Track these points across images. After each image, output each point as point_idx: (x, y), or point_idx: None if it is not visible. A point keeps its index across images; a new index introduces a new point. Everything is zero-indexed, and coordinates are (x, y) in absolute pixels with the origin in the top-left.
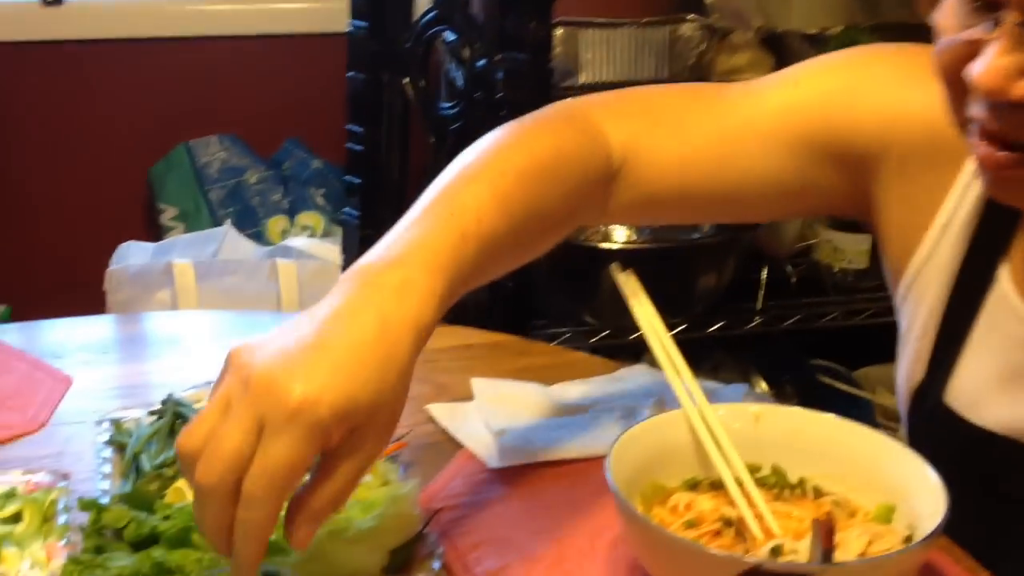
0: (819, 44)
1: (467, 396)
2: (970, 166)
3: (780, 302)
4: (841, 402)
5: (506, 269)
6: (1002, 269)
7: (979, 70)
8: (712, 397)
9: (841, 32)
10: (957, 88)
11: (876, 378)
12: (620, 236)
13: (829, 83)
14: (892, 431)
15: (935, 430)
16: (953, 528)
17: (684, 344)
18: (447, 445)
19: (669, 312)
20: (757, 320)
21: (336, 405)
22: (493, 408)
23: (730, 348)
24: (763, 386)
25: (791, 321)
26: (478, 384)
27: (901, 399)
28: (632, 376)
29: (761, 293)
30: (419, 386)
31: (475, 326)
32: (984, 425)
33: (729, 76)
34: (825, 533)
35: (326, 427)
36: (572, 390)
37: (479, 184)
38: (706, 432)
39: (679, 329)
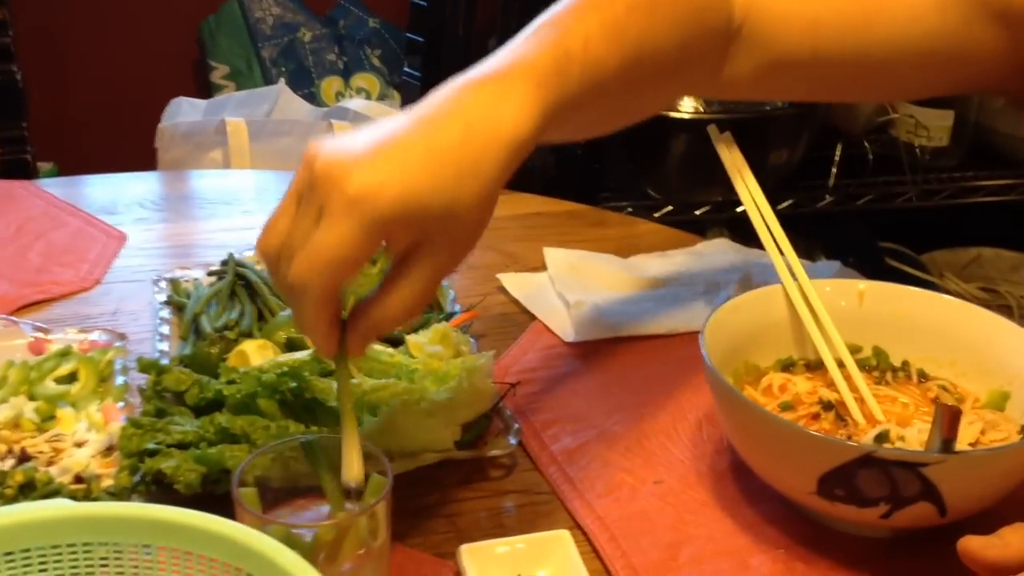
0: None
1: (539, 266)
2: None
3: (853, 180)
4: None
5: (612, 113)
6: None
7: None
8: (807, 268)
9: None
10: None
11: (944, 262)
12: (687, 106)
13: None
14: None
15: None
16: None
17: (749, 222)
18: (520, 317)
19: (734, 188)
20: (828, 199)
21: (398, 201)
22: (567, 279)
23: (797, 227)
24: None
25: (863, 200)
26: (551, 254)
27: None
28: (713, 251)
29: (834, 170)
30: (487, 254)
31: (540, 194)
32: None
33: None
34: (949, 420)
35: (385, 222)
36: (650, 263)
37: (588, 10)
38: (806, 308)
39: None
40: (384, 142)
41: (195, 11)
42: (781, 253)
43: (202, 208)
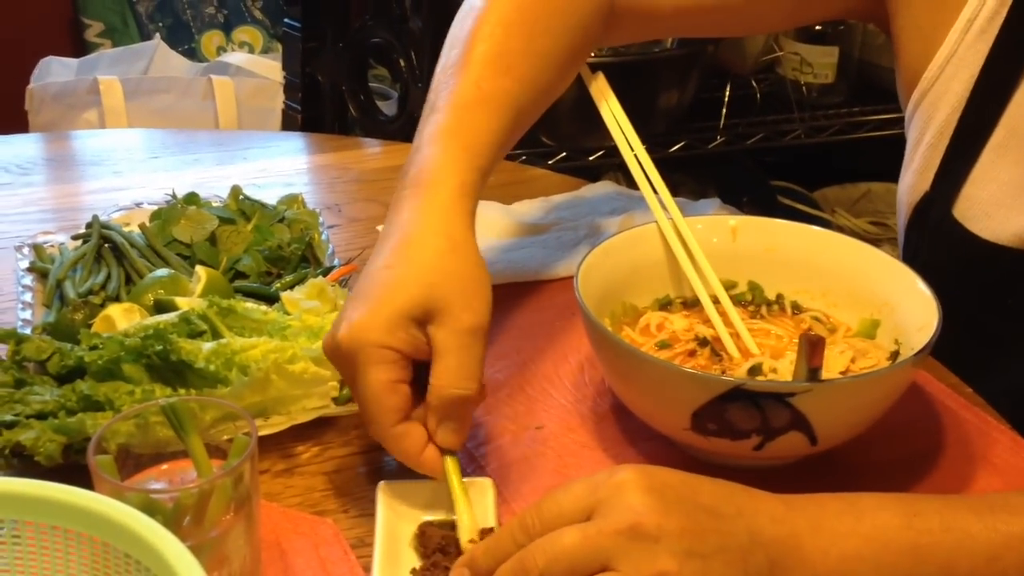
0: None
1: None
2: None
3: (743, 120)
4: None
5: (532, 116)
6: None
7: None
8: (685, 207)
9: None
10: None
11: (835, 199)
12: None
13: None
14: None
15: (937, 244)
16: (940, 343)
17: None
18: None
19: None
20: (719, 139)
21: (351, 326)
22: None
23: (689, 169)
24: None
25: (754, 140)
26: None
27: (901, 215)
28: (596, 193)
29: (723, 111)
30: (371, 207)
31: None
32: (994, 237)
33: None
34: (812, 349)
35: (362, 346)
36: (534, 208)
37: (470, 59)
38: (680, 247)
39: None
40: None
41: None
42: (656, 193)
43: (70, 170)
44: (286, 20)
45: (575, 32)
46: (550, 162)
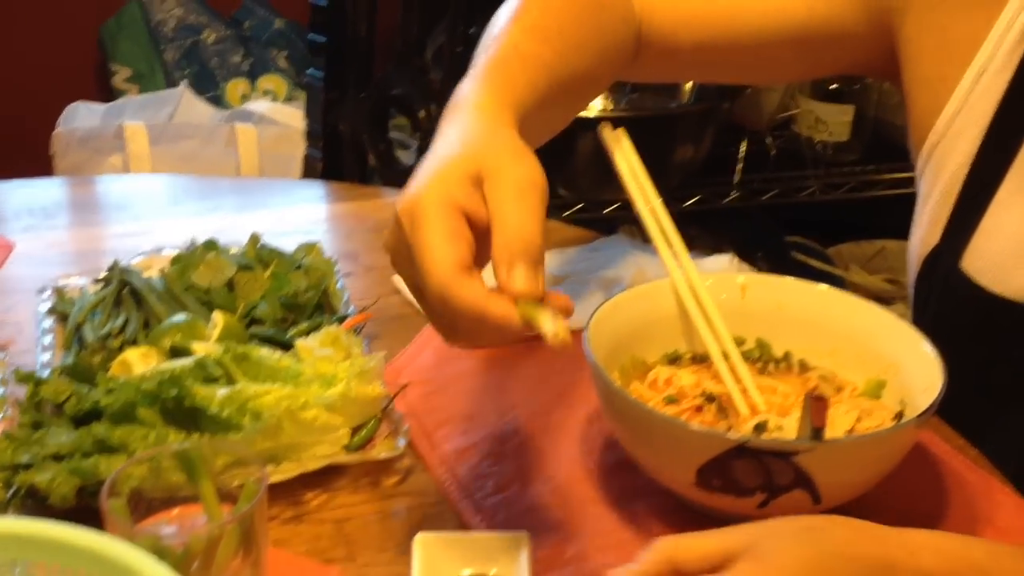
0: None
1: None
2: (1007, 14)
3: (758, 175)
4: (814, 279)
5: (564, 108)
6: None
7: None
8: (699, 263)
9: None
10: None
11: (850, 255)
12: (595, 103)
13: None
14: None
15: (946, 297)
16: (947, 401)
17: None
18: (416, 319)
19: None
20: (734, 194)
21: (410, 192)
22: None
23: (704, 223)
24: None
25: (768, 195)
26: None
27: (912, 268)
28: (611, 246)
29: (739, 167)
30: (384, 256)
31: None
32: (1003, 291)
33: None
34: (817, 409)
35: (423, 200)
36: (549, 260)
37: (509, 27)
38: (693, 302)
39: None
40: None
41: (96, 12)
42: (671, 248)
43: (93, 215)
44: (309, 70)
45: (608, 37)
46: (566, 214)
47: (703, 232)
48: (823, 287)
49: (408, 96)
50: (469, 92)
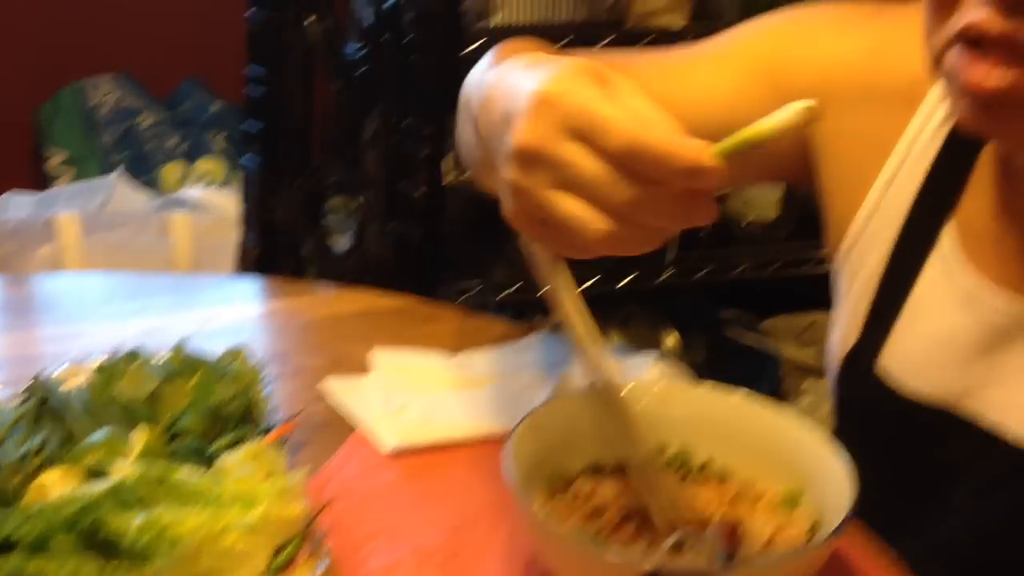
0: None
1: (367, 369)
2: (916, 120)
3: (691, 254)
4: (749, 354)
5: None
6: (946, 229)
7: None
8: (623, 364)
9: None
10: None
11: (784, 328)
12: None
13: (764, 42)
14: (797, 383)
15: (866, 398)
16: (868, 501)
17: (596, 297)
18: (344, 425)
19: (580, 265)
20: (669, 272)
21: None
22: (392, 383)
23: (641, 300)
24: (672, 339)
25: (702, 273)
26: (379, 356)
27: (831, 367)
28: (540, 344)
29: (673, 245)
30: (314, 358)
31: (380, 282)
32: (918, 393)
33: (647, 19)
34: (727, 536)
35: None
36: (477, 359)
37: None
38: (613, 411)
39: (591, 282)
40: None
41: (31, 96)
42: (593, 353)
43: (19, 317)
44: (244, 158)
45: None
46: (502, 295)
47: (639, 308)
48: (739, 395)
49: (344, 184)
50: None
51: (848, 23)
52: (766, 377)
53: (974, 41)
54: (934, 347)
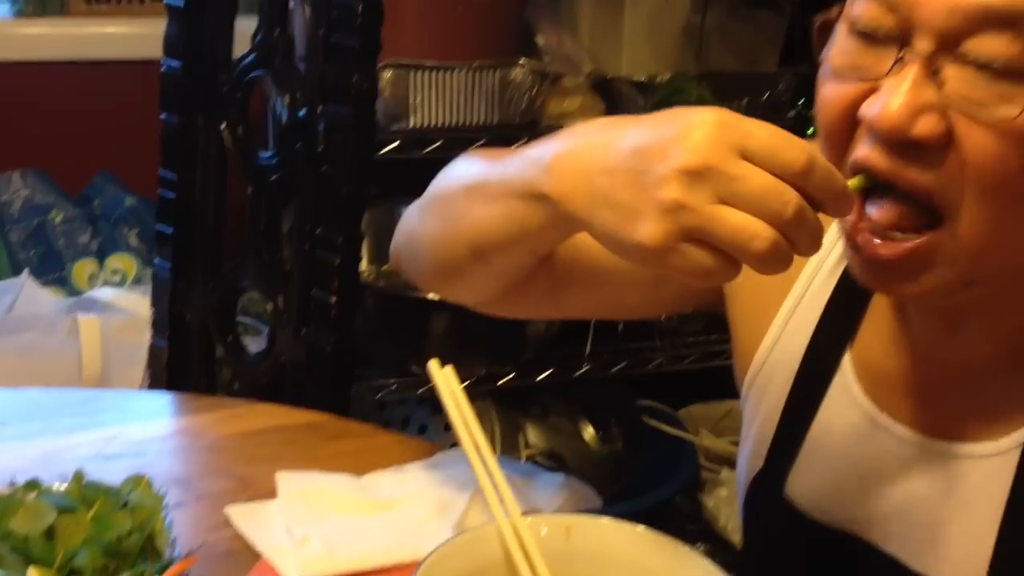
0: (648, 91)
1: (272, 492)
2: (817, 255)
3: (607, 347)
4: (666, 444)
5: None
6: (846, 357)
7: (878, 109)
8: (528, 487)
9: (669, 79)
10: (843, 137)
11: (700, 417)
12: None
13: None
14: (715, 473)
15: (772, 522)
16: None
17: (514, 391)
18: (245, 554)
19: (498, 360)
20: (586, 367)
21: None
22: (297, 508)
23: (559, 391)
24: (589, 430)
25: (618, 367)
26: (283, 479)
27: (740, 490)
28: (449, 462)
29: (589, 339)
30: (222, 480)
31: (295, 386)
32: (824, 520)
33: (560, 120)
34: None
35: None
36: (385, 481)
37: None
38: (516, 545)
39: (508, 378)
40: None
41: None
42: (496, 488)
43: None
44: (156, 260)
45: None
46: (420, 391)
47: (557, 401)
48: (639, 529)
49: (258, 286)
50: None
51: None
52: (684, 466)
53: (868, 191)
54: (837, 476)
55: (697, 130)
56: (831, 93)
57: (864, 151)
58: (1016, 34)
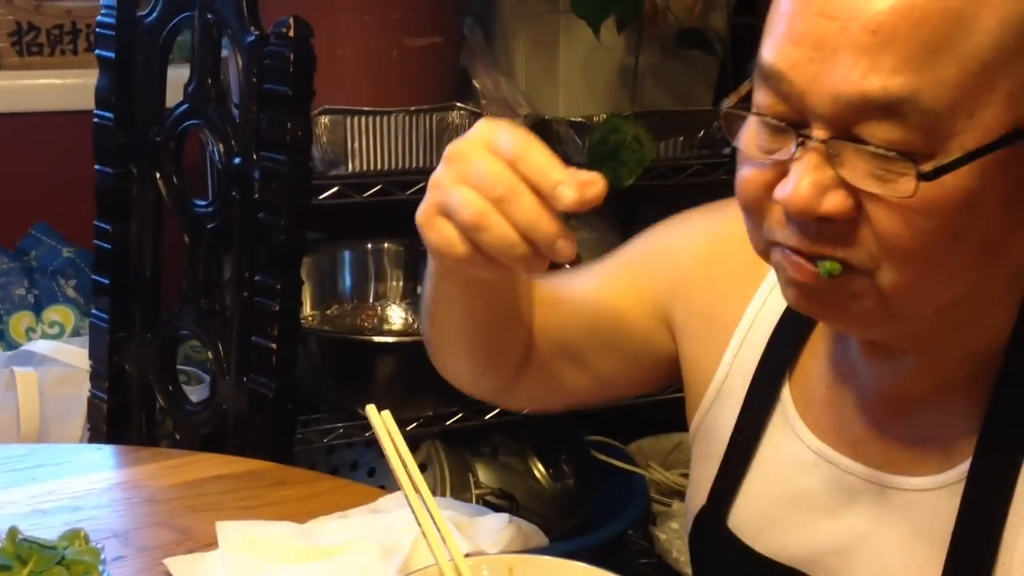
0: (585, 130)
1: (214, 542)
2: (760, 294)
3: None
4: (617, 478)
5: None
6: (785, 389)
7: (787, 191)
8: (473, 527)
9: (605, 119)
10: (762, 212)
11: (650, 451)
12: (396, 319)
13: (641, 247)
14: (666, 506)
15: (718, 556)
16: None
17: (462, 431)
18: None
19: (445, 401)
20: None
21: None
22: (239, 558)
23: (508, 429)
24: (540, 467)
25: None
26: (224, 529)
27: (687, 524)
28: (391, 507)
29: None
30: (160, 533)
31: (237, 434)
32: (767, 552)
33: None
34: None
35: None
36: (329, 527)
37: None
38: None
39: (456, 418)
40: None
41: None
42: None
43: None
44: (93, 310)
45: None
46: (367, 434)
47: (506, 438)
48: (584, 566)
49: (198, 335)
50: None
51: (695, 221)
52: (635, 500)
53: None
54: (777, 509)
55: (470, 131)
56: (747, 175)
57: (781, 234)
58: (897, 120)
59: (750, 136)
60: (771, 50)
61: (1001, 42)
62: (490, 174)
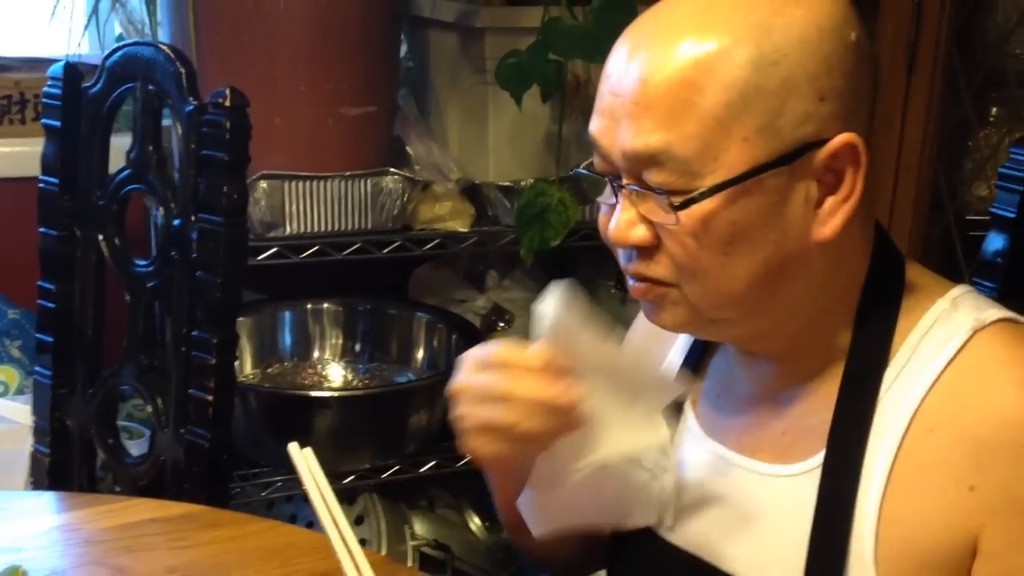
0: (513, 194)
1: None
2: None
3: None
4: None
5: None
6: (687, 405)
7: (610, 228)
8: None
9: (532, 184)
10: (615, 248)
11: None
12: (336, 377)
13: None
14: None
15: (636, 551)
16: None
17: (399, 484)
18: None
19: (382, 454)
20: (469, 457)
21: None
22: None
23: (445, 482)
24: (476, 520)
25: None
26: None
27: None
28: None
29: None
30: (94, 572)
31: (176, 486)
32: (683, 545)
33: (432, 224)
34: None
35: None
36: None
37: None
38: None
39: (392, 471)
40: None
41: None
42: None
43: None
44: (36, 368)
45: None
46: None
47: (444, 492)
48: None
49: (138, 389)
50: None
51: None
52: None
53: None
54: (693, 504)
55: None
56: (600, 219)
57: (621, 261)
58: (661, 167)
59: (605, 187)
60: (592, 122)
61: (728, 100)
62: (479, 389)
